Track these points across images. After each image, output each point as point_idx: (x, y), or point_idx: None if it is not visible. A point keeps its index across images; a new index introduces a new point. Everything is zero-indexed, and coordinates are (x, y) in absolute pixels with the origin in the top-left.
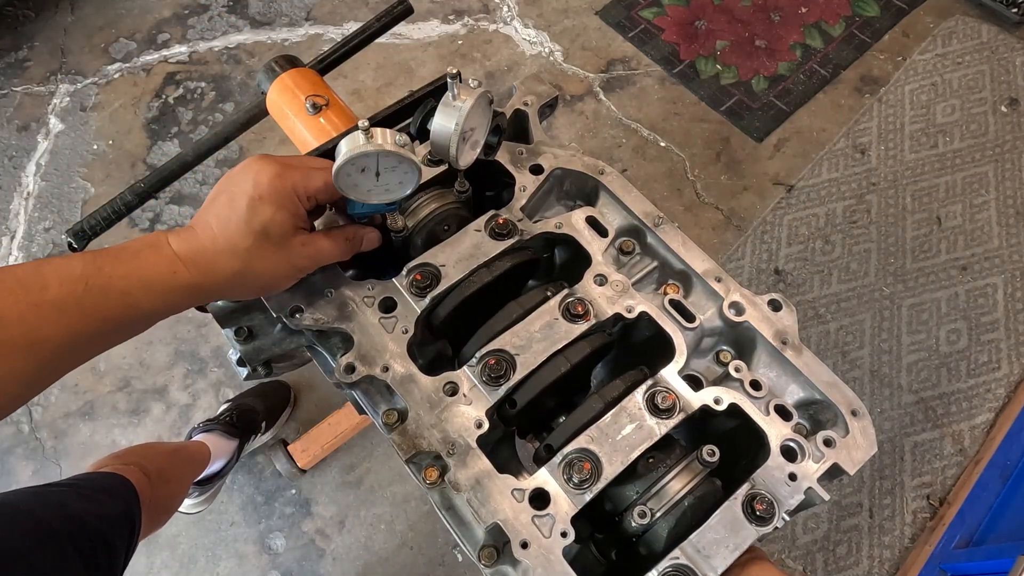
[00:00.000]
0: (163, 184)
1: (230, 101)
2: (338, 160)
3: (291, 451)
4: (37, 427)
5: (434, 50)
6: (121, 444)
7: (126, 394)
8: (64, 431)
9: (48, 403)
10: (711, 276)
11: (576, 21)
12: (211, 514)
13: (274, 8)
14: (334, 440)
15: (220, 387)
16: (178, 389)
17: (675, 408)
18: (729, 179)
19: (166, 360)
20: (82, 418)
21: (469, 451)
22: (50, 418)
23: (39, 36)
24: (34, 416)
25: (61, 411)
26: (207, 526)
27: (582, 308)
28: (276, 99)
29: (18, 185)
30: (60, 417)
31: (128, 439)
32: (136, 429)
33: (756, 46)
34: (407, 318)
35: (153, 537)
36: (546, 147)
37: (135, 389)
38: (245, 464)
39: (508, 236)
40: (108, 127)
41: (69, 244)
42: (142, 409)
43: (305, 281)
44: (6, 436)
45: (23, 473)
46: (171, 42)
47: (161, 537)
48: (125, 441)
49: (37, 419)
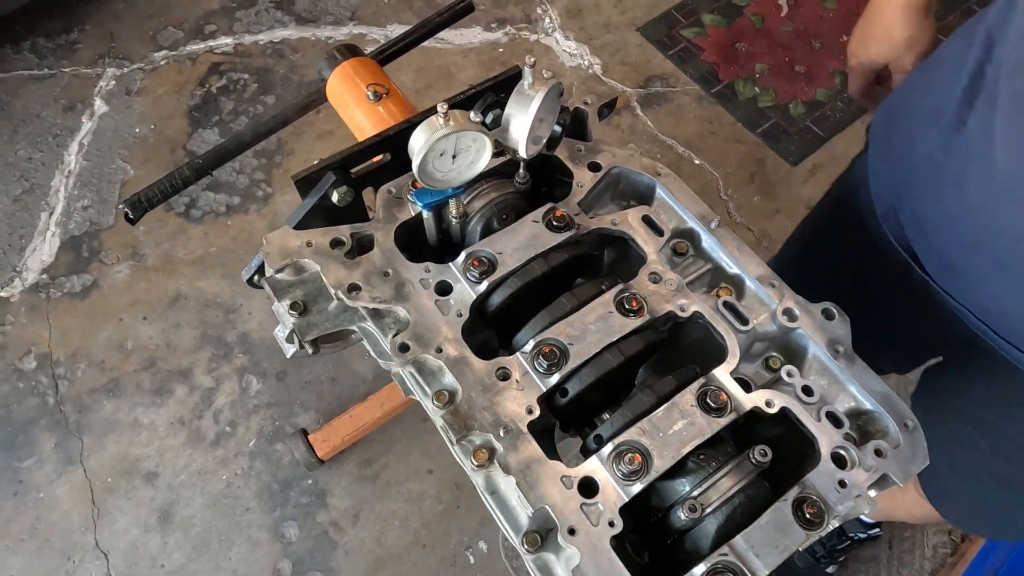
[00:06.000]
0: (221, 161)
1: (271, 94)
2: (419, 149)
3: (311, 440)
4: (62, 400)
5: (475, 56)
6: (143, 423)
7: (151, 374)
8: (88, 406)
9: (75, 377)
10: (765, 281)
11: (617, 36)
12: (227, 498)
13: (320, 6)
14: (355, 432)
15: (244, 373)
16: (202, 372)
17: (727, 407)
18: (762, 200)
19: (192, 343)
20: (106, 394)
21: (520, 436)
22: (75, 392)
23: (91, 20)
24: (60, 389)
25: (87, 386)
26: (222, 510)
27: (637, 303)
28: (336, 86)
29: (60, 163)
30: (85, 392)
31: (149, 418)
32: (158, 409)
33: (796, 71)
34: (462, 302)
35: (168, 517)
36: (604, 146)
37: (160, 370)
38: (264, 451)
39: (565, 229)
40: (151, 112)
41: (125, 214)
42: (165, 390)
43: (364, 260)
44: (31, 407)
45: (45, 445)
46: (217, 33)
47: (176, 518)
48: (147, 420)
49: (63, 392)
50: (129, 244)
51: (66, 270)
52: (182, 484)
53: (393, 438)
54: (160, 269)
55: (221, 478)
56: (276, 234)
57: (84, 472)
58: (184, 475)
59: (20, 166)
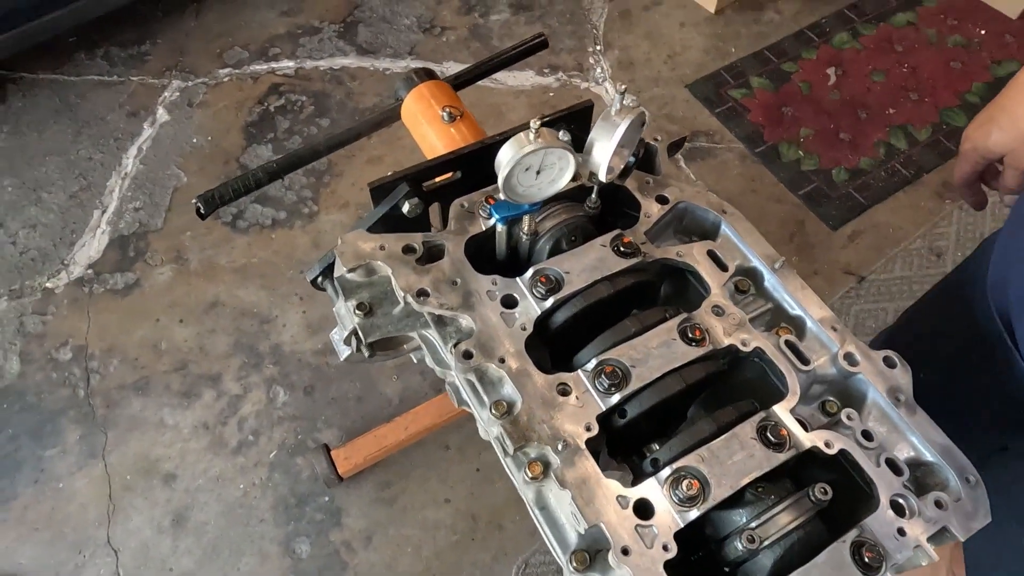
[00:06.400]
0: (293, 167)
1: (327, 117)
2: (507, 161)
3: (334, 456)
4: (92, 393)
5: (525, 98)
6: (167, 424)
7: (181, 376)
8: (117, 401)
9: (107, 372)
10: (827, 324)
11: (666, 91)
12: (242, 507)
13: (381, 39)
14: (377, 452)
15: (272, 384)
16: (231, 379)
17: (787, 443)
18: (800, 262)
19: (225, 349)
20: (135, 392)
21: (578, 451)
22: (106, 387)
23: (163, 34)
24: (91, 382)
25: (117, 382)
26: (236, 518)
27: (700, 333)
28: (412, 106)
29: (118, 165)
30: (115, 387)
31: (175, 420)
32: (184, 412)
33: (840, 138)
34: (527, 316)
35: (182, 521)
36: (673, 180)
37: (191, 372)
38: (284, 463)
39: (631, 256)
40: (209, 124)
41: (197, 208)
42: (194, 393)
43: (434, 267)
44: (62, 397)
45: (71, 436)
46: (280, 56)
47: (190, 522)
48: (172, 421)
49: (93, 385)
50: (174, 248)
51: (111, 267)
52: (199, 489)
53: (414, 463)
54: (201, 274)
55: (238, 486)
56: (351, 235)
57: (105, 467)
58: (202, 480)
59: (80, 165)
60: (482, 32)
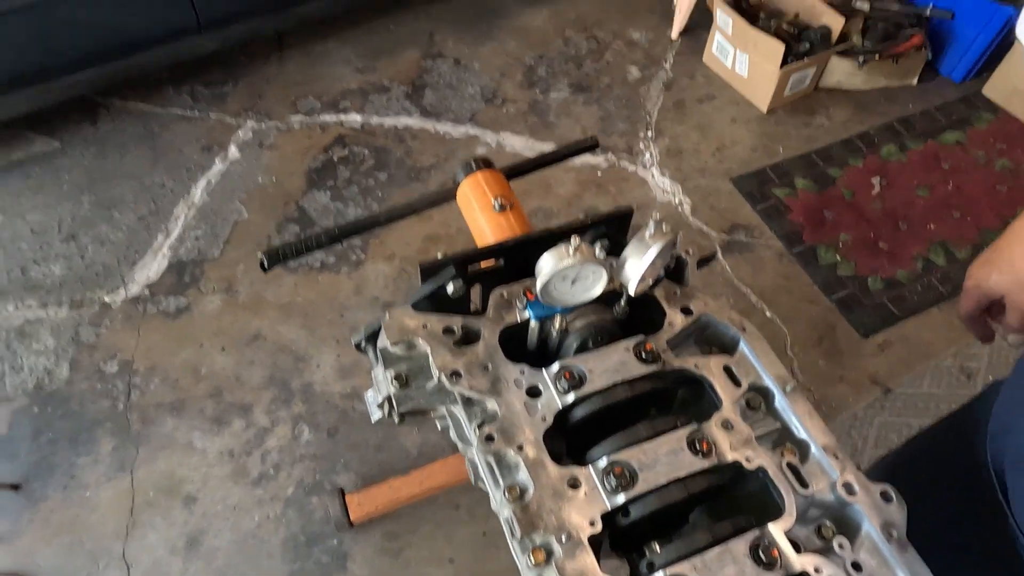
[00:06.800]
0: (352, 233)
1: (385, 171)
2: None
3: (348, 500)
4: (131, 408)
5: (575, 175)
6: (196, 447)
7: (215, 401)
8: (152, 419)
9: (147, 389)
10: (830, 451)
11: (710, 182)
12: (253, 539)
13: (445, 104)
14: (390, 503)
15: (299, 421)
16: (262, 411)
17: (777, 563)
18: (827, 365)
19: (260, 381)
20: (171, 412)
21: (579, 545)
22: (144, 404)
23: (245, 78)
24: (131, 397)
25: (155, 400)
26: (246, 549)
27: (707, 446)
28: (467, 191)
29: (187, 194)
30: (153, 405)
31: (203, 444)
32: (213, 438)
33: (879, 248)
34: (548, 408)
35: (195, 544)
36: (699, 293)
37: (224, 400)
38: (299, 501)
39: (652, 362)
40: (276, 166)
41: (261, 263)
42: (224, 420)
43: (469, 350)
44: (103, 408)
45: (105, 447)
46: (350, 110)
47: (203, 547)
48: (200, 445)
49: (133, 401)
50: (226, 278)
51: (166, 290)
52: (216, 515)
53: (423, 518)
54: (248, 307)
55: (253, 518)
56: (398, 312)
57: (132, 481)
58: (220, 506)
59: (153, 190)
60: (540, 108)
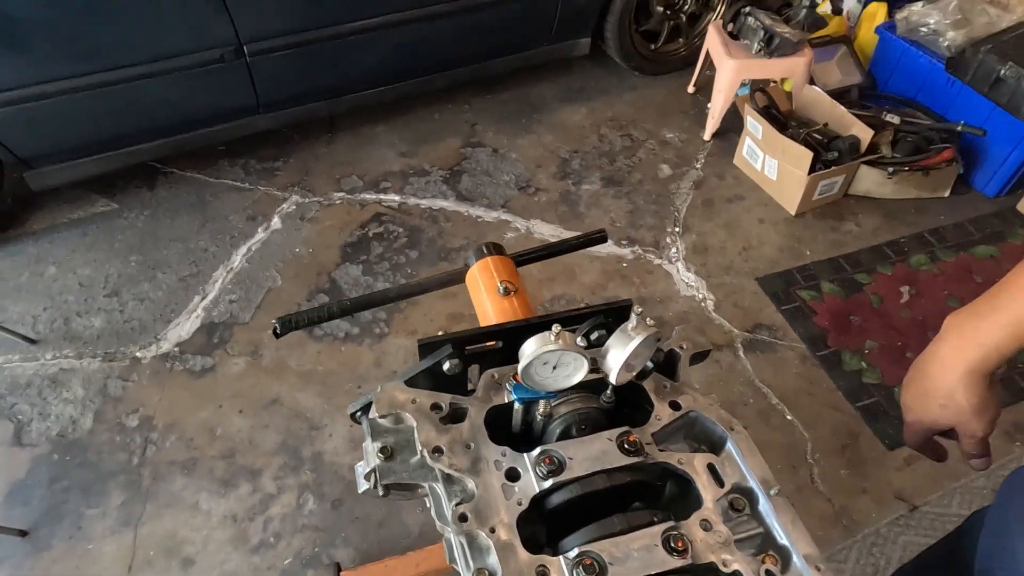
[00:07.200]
0: (364, 307)
1: (416, 250)
2: (528, 354)
3: None
4: (144, 463)
5: (600, 264)
6: (201, 508)
7: (226, 463)
8: (163, 476)
9: (163, 446)
10: (812, 562)
11: (735, 280)
12: None
13: (479, 191)
14: None
15: (305, 490)
16: (270, 477)
17: None
18: (850, 476)
19: (271, 447)
20: (182, 470)
21: None
22: (158, 460)
23: (295, 155)
24: (147, 452)
25: (169, 457)
26: None
27: (683, 544)
28: (476, 274)
29: (227, 259)
30: (166, 462)
31: (209, 506)
32: (219, 500)
33: (907, 357)
34: (525, 492)
35: None
36: (688, 389)
37: (235, 462)
38: (294, 573)
39: (634, 454)
40: (314, 238)
41: (274, 329)
42: (232, 483)
43: (453, 428)
44: (119, 460)
45: (114, 500)
46: (389, 190)
47: None
48: (205, 506)
49: (148, 456)
50: (253, 342)
51: (195, 349)
52: None
53: None
54: (271, 371)
55: None
56: (390, 386)
57: (134, 538)
58: (217, 572)
59: (196, 253)
60: (571, 198)
